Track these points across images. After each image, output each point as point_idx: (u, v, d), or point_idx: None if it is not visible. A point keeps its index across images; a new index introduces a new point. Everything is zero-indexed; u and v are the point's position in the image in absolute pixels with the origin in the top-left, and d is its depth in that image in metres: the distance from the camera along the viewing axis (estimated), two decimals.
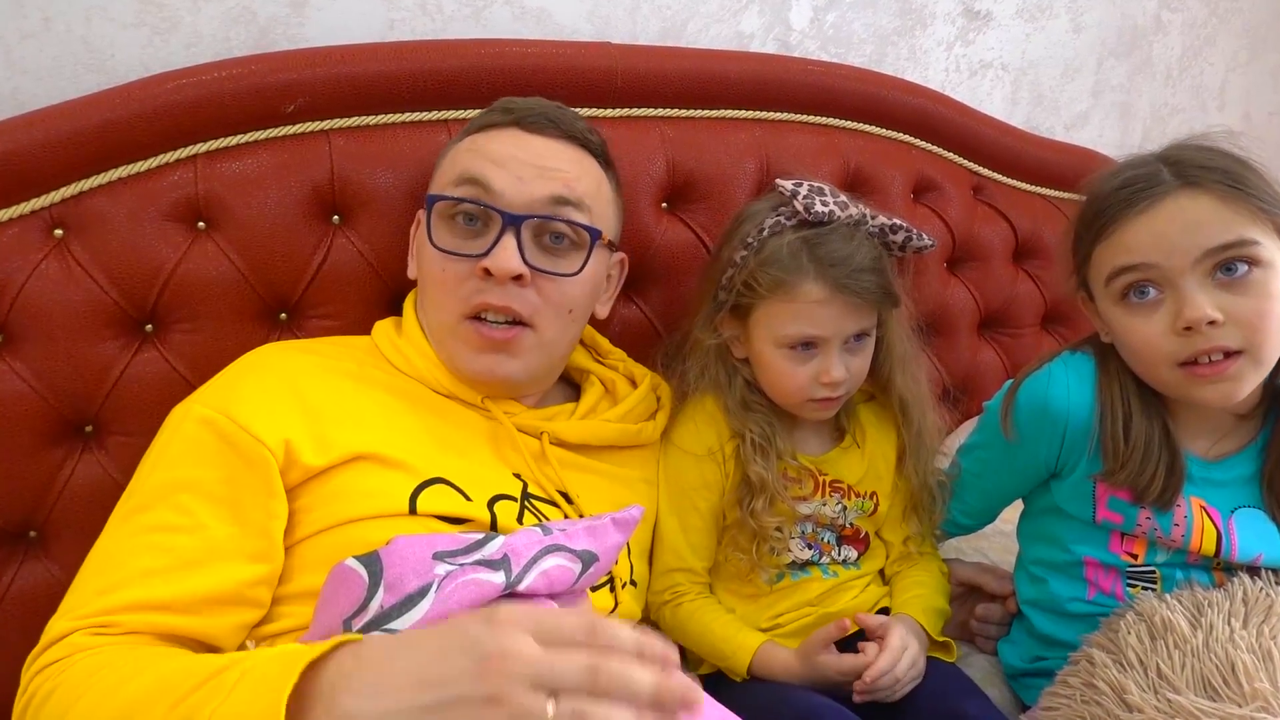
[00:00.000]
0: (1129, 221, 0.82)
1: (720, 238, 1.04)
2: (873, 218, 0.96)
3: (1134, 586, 0.92)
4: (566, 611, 0.58)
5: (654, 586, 1.01)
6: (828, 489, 1.02)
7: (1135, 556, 0.92)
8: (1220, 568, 0.89)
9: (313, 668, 0.56)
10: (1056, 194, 1.51)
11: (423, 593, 0.68)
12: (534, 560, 0.73)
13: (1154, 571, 0.91)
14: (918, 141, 1.38)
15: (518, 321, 0.89)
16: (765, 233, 0.95)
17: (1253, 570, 0.89)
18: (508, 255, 0.85)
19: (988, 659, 1.09)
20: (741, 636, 0.96)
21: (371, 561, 0.69)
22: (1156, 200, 0.81)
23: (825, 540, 1.03)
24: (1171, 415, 0.90)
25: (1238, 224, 0.79)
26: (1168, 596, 0.85)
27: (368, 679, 0.55)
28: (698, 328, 1.01)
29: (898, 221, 0.97)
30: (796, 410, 0.99)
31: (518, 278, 0.86)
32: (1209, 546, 0.88)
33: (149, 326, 0.96)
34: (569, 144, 0.93)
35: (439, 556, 0.71)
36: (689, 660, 1.02)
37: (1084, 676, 0.82)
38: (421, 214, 0.95)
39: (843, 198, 0.96)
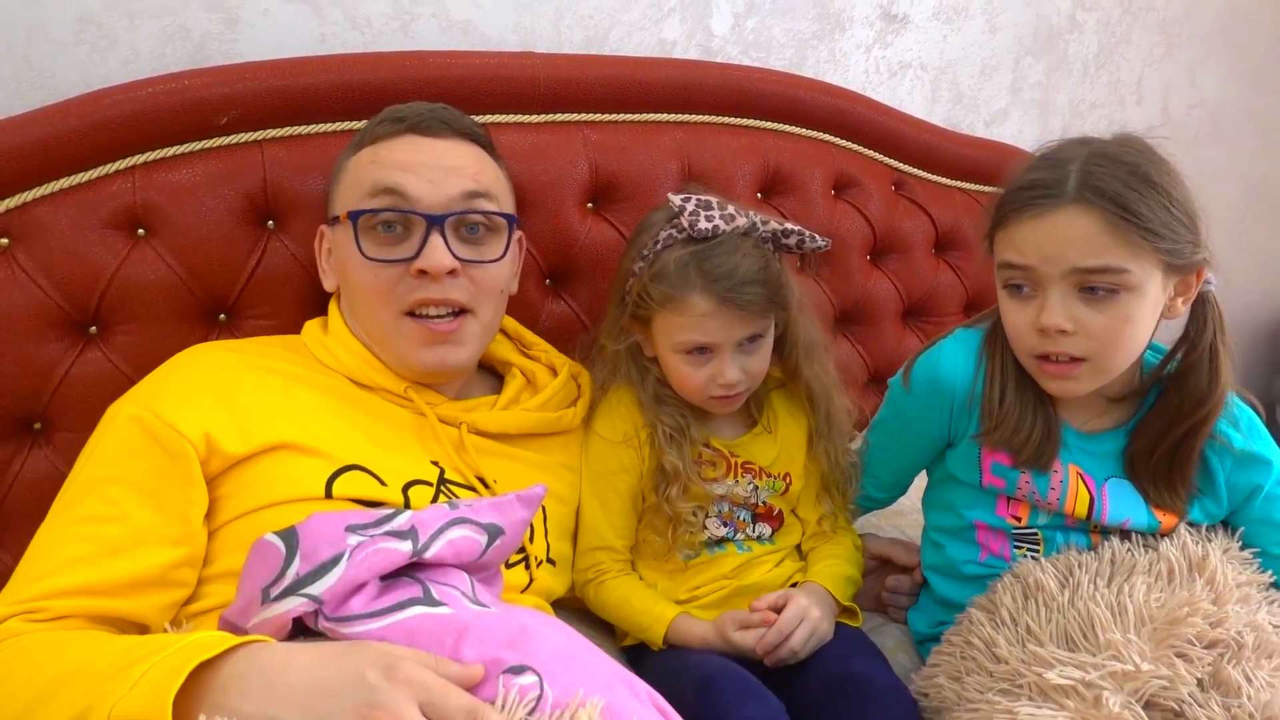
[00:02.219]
0: (1022, 222, 0.87)
1: (625, 246, 1.10)
2: (763, 224, 1.01)
3: (1020, 548, 0.98)
4: (456, 690, 0.64)
5: (578, 565, 1.07)
6: (740, 470, 1.08)
7: (1019, 519, 0.98)
8: (1097, 530, 0.96)
9: (208, 665, 0.63)
10: (975, 188, 1.57)
11: (335, 560, 0.73)
12: (440, 531, 0.79)
13: (1036, 534, 0.98)
14: (837, 140, 1.44)
15: (460, 311, 0.95)
16: (659, 245, 1.00)
17: (1124, 534, 0.96)
18: (439, 254, 0.92)
19: (899, 628, 1.16)
20: (659, 609, 1.02)
21: (289, 535, 0.75)
22: (1049, 209, 0.85)
23: (740, 518, 1.09)
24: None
25: (1111, 251, 0.83)
26: (1043, 560, 0.92)
27: (256, 685, 0.62)
28: (604, 334, 1.08)
29: (789, 226, 1.02)
30: (701, 405, 1.05)
31: (450, 272, 0.93)
32: (1082, 509, 0.94)
33: (93, 329, 1.02)
34: (463, 140, 1.00)
35: (351, 529, 0.76)
36: (615, 634, 1.09)
37: (963, 635, 0.89)
38: (325, 229, 1.01)
39: (730, 209, 1.00)
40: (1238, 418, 0.95)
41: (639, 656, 1.05)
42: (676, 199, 1.00)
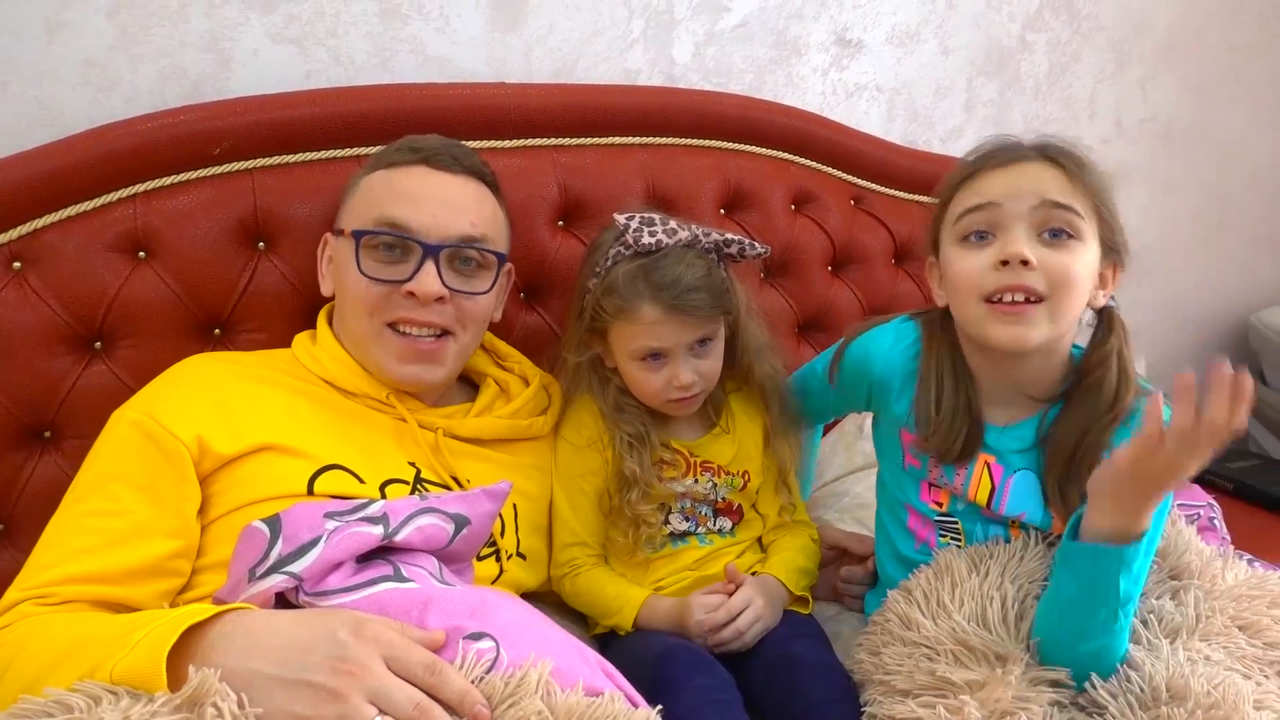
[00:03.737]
0: (989, 172, 0.95)
1: (580, 264, 1.17)
2: (705, 235, 1.09)
3: (944, 536, 1.05)
4: (418, 648, 0.72)
5: (555, 560, 1.14)
6: (699, 469, 1.15)
7: (940, 505, 1.05)
8: (1016, 525, 1.01)
9: (199, 628, 0.71)
10: (932, 200, 1.64)
11: (314, 542, 0.82)
12: (409, 518, 0.87)
13: (957, 523, 1.04)
14: (796, 158, 1.52)
15: (443, 333, 1.04)
16: (609, 262, 1.09)
17: (1050, 542, 0.99)
18: (430, 280, 1.00)
19: (856, 616, 1.21)
20: (631, 592, 1.10)
21: (273, 521, 0.83)
22: (1015, 162, 0.94)
23: (702, 513, 1.16)
24: (976, 388, 1.02)
25: (1074, 196, 0.92)
26: (957, 549, 0.98)
27: (240, 643, 0.70)
28: (565, 347, 1.16)
29: (729, 236, 1.10)
30: (661, 409, 1.13)
31: (439, 299, 1.01)
32: (982, 497, 1.00)
33: (98, 344, 1.10)
34: (469, 178, 1.09)
35: (329, 516, 0.85)
36: (587, 624, 1.16)
37: (883, 614, 0.96)
38: (329, 237, 1.10)
39: (672, 224, 1.08)
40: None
41: (608, 642, 1.12)
42: (621, 218, 1.08)
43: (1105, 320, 0.99)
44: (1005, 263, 0.90)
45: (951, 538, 1.05)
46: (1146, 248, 2.03)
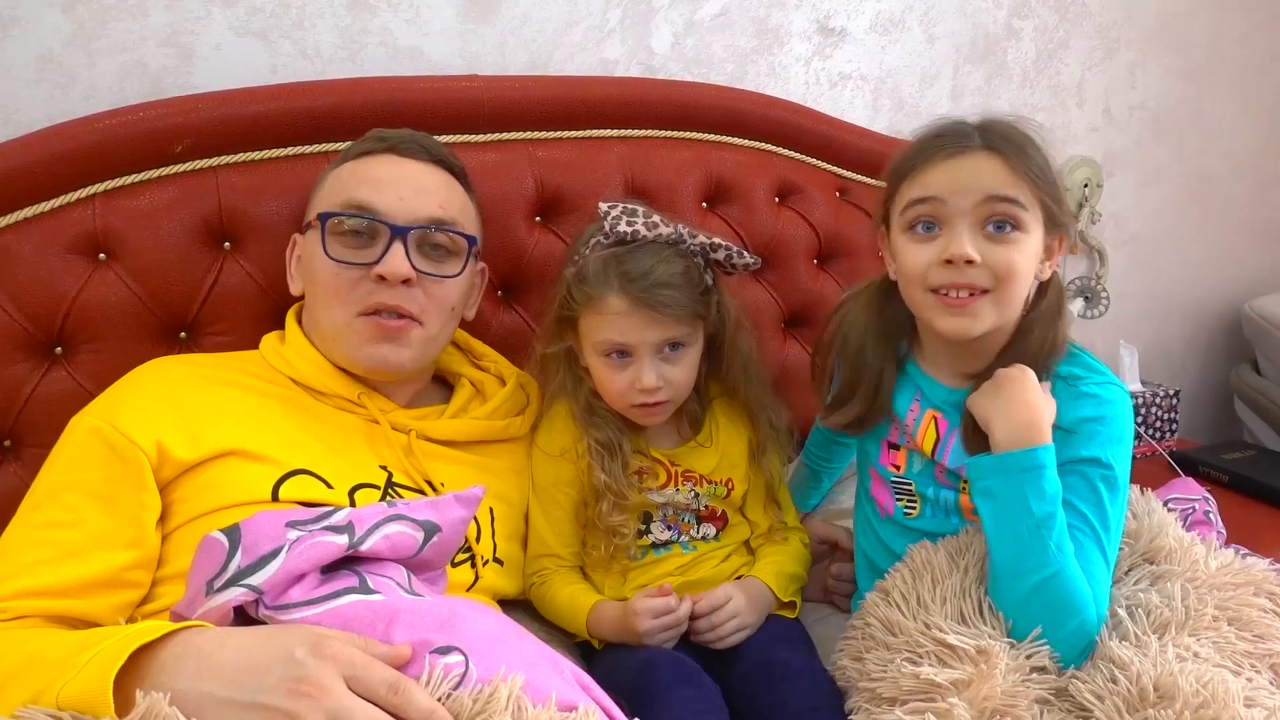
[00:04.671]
0: (934, 164, 0.95)
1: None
2: (691, 237, 1.05)
3: (900, 500, 1.05)
4: (380, 666, 0.68)
5: (526, 570, 1.11)
6: (680, 478, 1.11)
7: (898, 468, 1.05)
8: (965, 491, 1.00)
9: (149, 648, 0.68)
10: (892, 178, 1.62)
11: (275, 553, 0.78)
12: (376, 526, 0.83)
13: (911, 485, 1.04)
14: (779, 150, 1.49)
15: (411, 319, 1.01)
16: (586, 250, 1.05)
17: None
18: (398, 261, 0.98)
19: (845, 617, 1.17)
20: (581, 599, 1.05)
21: (232, 531, 0.79)
22: (960, 153, 0.94)
23: (685, 520, 1.12)
24: (918, 350, 1.05)
25: (1015, 186, 0.92)
26: (932, 545, 0.96)
27: (192, 664, 0.67)
28: (537, 338, 1.13)
29: (717, 241, 1.05)
30: (626, 414, 1.08)
31: (406, 280, 0.98)
32: (928, 446, 1.02)
33: (58, 349, 1.07)
34: (436, 167, 1.07)
35: (292, 524, 0.81)
36: (566, 631, 1.12)
37: (862, 618, 0.93)
38: (297, 237, 1.07)
39: (655, 218, 1.04)
40: (1084, 393, 0.96)
41: (590, 651, 1.08)
42: (604, 205, 1.05)
43: (1040, 288, 1.00)
44: (950, 261, 0.92)
45: (907, 503, 1.05)
46: (1135, 237, 2.00)
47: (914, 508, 1.04)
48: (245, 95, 1.14)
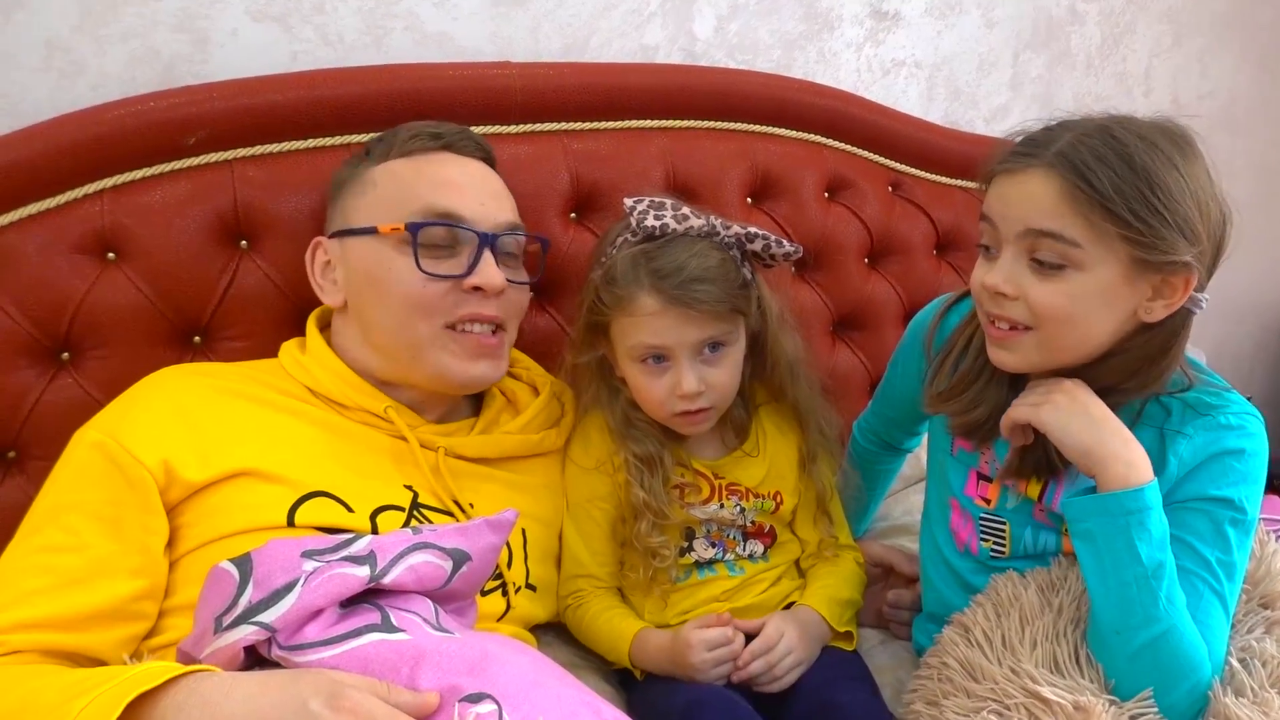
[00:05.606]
0: (996, 178, 0.86)
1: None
2: (725, 228, 0.97)
3: (986, 540, 0.95)
4: (402, 718, 0.62)
5: (560, 591, 1.04)
6: (724, 492, 1.03)
7: (989, 501, 0.95)
8: (1066, 532, 0.91)
9: (149, 696, 0.61)
10: (977, 185, 1.53)
11: (289, 587, 0.71)
12: (400, 556, 0.76)
13: (1004, 526, 0.94)
14: (829, 141, 1.42)
15: (498, 328, 0.97)
16: (614, 250, 0.97)
17: None
18: (493, 271, 0.93)
19: (902, 645, 1.11)
20: (622, 625, 0.98)
21: (243, 562, 0.73)
22: (1017, 170, 0.83)
23: (730, 536, 1.05)
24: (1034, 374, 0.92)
25: (1063, 220, 0.79)
26: (1019, 576, 0.87)
27: (195, 715, 0.61)
28: (568, 347, 1.05)
29: (753, 230, 0.97)
30: (667, 424, 1.01)
31: (500, 291, 0.94)
32: (1034, 490, 0.91)
33: (64, 355, 1.00)
34: (489, 167, 1.03)
35: (308, 554, 0.74)
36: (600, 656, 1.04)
37: (939, 656, 0.85)
38: (326, 242, 0.99)
39: (685, 210, 0.97)
40: (1221, 424, 0.85)
41: (627, 678, 1.01)
42: (629, 201, 0.97)
43: (1169, 321, 0.85)
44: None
45: (995, 543, 0.95)
46: None
47: (1003, 548, 0.94)
48: (263, 84, 1.07)
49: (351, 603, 0.75)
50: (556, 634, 1.05)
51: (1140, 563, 0.78)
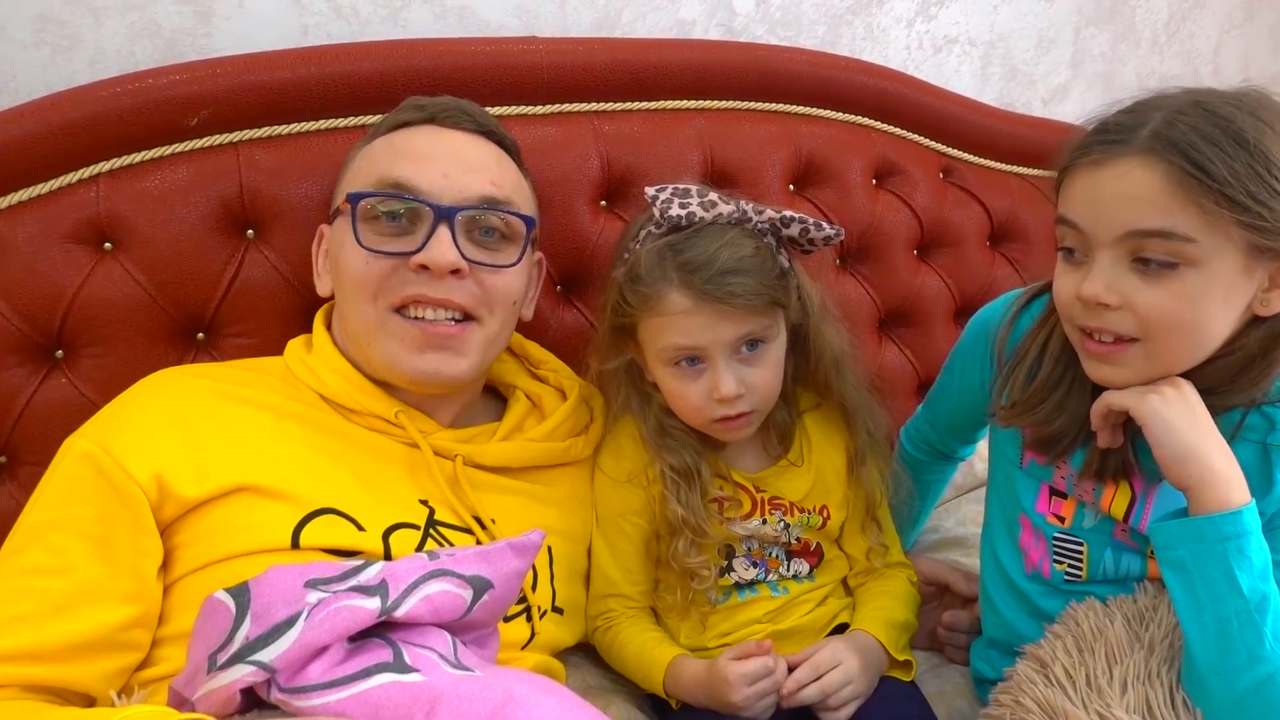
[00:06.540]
0: (1078, 171, 0.76)
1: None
2: (758, 213, 0.89)
3: (1060, 562, 0.87)
4: None
5: (590, 611, 0.97)
6: (766, 507, 0.96)
7: (1063, 520, 0.87)
8: (1152, 555, 0.83)
9: None
10: (1034, 172, 1.46)
11: (290, 622, 0.65)
12: (414, 585, 0.69)
13: (1081, 546, 0.86)
14: (877, 124, 1.35)
15: (466, 317, 0.86)
16: (637, 245, 0.90)
17: None
18: (444, 248, 0.83)
19: (959, 670, 1.04)
20: (656, 652, 0.91)
21: (240, 592, 0.66)
22: (1111, 158, 0.73)
23: (773, 555, 0.97)
24: None
25: (1173, 214, 0.71)
26: (1103, 606, 0.79)
27: None
28: (591, 351, 0.97)
29: (789, 214, 0.89)
30: (706, 431, 0.93)
31: (456, 271, 0.84)
32: (1119, 509, 0.83)
33: (58, 352, 0.95)
34: (486, 140, 0.93)
35: (312, 584, 0.67)
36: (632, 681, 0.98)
37: (1013, 694, 0.77)
38: (324, 228, 0.94)
39: (712, 196, 0.89)
40: None
41: (664, 705, 0.94)
42: (651, 190, 0.89)
43: (1256, 319, 0.77)
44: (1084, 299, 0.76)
45: (1070, 565, 0.87)
46: None
47: (1079, 571, 0.86)
48: (271, 59, 1.00)
49: (360, 637, 0.67)
50: (585, 654, 0.99)
51: (1241, 595, 0.70)
